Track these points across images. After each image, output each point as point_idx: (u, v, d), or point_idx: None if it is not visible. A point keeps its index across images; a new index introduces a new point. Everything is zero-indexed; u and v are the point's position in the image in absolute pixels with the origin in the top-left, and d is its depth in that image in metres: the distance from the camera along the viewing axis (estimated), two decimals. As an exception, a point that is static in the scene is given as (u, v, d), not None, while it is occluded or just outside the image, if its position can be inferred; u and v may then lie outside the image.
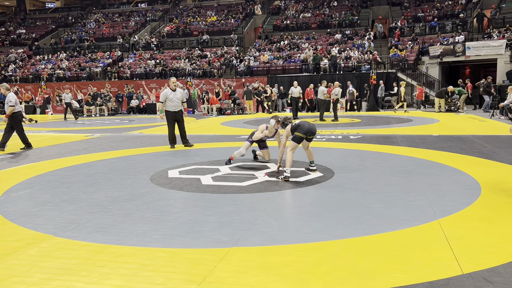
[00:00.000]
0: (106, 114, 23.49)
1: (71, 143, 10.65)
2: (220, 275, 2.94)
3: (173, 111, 9.34)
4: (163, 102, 9.32)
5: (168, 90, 9.36)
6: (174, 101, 9.29)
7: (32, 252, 3.46)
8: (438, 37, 24.78)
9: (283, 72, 24.67)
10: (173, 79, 9.46)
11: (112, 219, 4.28)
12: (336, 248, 3.39)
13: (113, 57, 30.92)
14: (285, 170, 5.82)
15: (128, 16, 38.53)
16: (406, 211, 4.28)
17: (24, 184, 6.03)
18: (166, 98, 9.26)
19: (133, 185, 5.76)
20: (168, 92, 9.31)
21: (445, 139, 9.74)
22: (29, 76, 29.71)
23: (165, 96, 9.28)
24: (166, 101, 9.29)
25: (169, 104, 9.30)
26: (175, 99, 9.29)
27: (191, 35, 32.33)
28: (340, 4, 32.97)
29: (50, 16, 41.42)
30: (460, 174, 5.94)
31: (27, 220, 4.30)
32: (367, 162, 7.05)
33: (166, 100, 9.29)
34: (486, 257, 3.11)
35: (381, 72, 22.80)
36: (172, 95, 9.26)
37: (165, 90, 9.49)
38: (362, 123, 14.59)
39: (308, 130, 6.01)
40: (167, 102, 9.30)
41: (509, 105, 14.68)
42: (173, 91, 9.32)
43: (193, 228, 3.94)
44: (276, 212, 4.38)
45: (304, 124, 6.09)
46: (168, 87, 9.51)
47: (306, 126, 6.04)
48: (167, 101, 9.29)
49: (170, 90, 9.34)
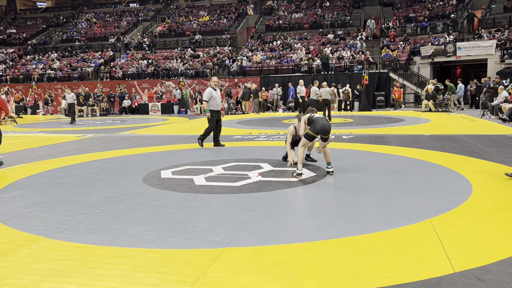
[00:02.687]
0: (98, 114, 23.35)
1: (63, 144, 10.58)
2: (214, 275, 2.94)
3: (216, 110, 9.33)
4: (208, 101, 9.22)
5: (212, 89, 9.29)
6: (217, 100, 9.28)
7: (23, 254, 3.43)
8: (429, 37, 24.96)
9: (276, 72, 24.70)
10: (215, 78, 9.49)
11: (105, 220, 4.26)
12: (329, 247, 3.40)
13: (105, 57, 30.75)
14: (297, 167, 5.89)
15: (120, 16, 38.34)
16: (398, 211, 4.30)
17: (15, 185, 5.97)
18: (211, 97, 9.21)
19: (126, 186, 5.73)
20: (212, 91, 9.24)
21: (436, 138, 9.81)
22: (19, 76, 29.44)
23: (209, 95, 9.20)
24: (210, 100, 9.22)
25: (212, 103, 9.25)
26: (218, 98, 9.31)
27: (184, 35, 32.25)
28: (332, 4, 33.09)
29: (41, 15, 41.10)
30: (452, 173, 5.98)
31: (18, 222, 4.26)
32: (359, 162, 7.08)
33: (210, 99, 9.23)
34: (477, 256, 3.14)
35: (373, 72, 22.92)
36: (216, 94, 9.27)
37: (208, 89, 9.32)
38: (355, 123, 14.65)
39: (320, 130, 5.84)
40: (211, 101, 9.23)
41: (500, 105, 14.82)
42: (214, 90, 9.31)
43: (186, 228, 3.93)
44: (269, 212, 4.38)
45: (318, 121, 5.89)
46: (210, 86, 9.41)
47: (319, 124, 5.84)
48: (211, 100, 9.23)
49: (213, 89, 9.29)
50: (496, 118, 14.60)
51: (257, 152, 8.43)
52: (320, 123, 5.89)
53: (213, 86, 9.33)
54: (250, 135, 11.46)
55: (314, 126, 5.87)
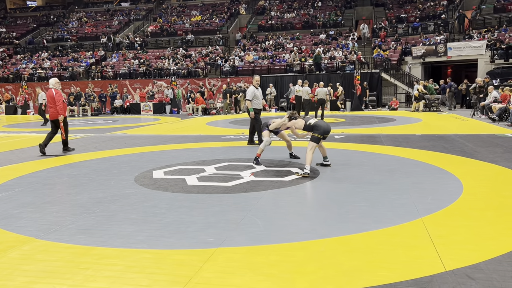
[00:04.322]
0: (89, 114, 23.19)
1: (53, 144, 10.48)
2: (206, 275, 2.93)
3: (259, 109, 9.37)
4: (251, 100, 9.25)
5: (255, 88, 9.32)
6: (259, 99, 9.34)
7: (13, 255, 3.39)
8: (420, 37, 25.14)
9: (268, 72, 24.71)
10: (257, 77, 9.50)
11: (96, 220, 4.23)
12: (322, 247, 3.40)
13: (96, 57, 30.54)
14: (305, 166, 6.07)
15: (112, 15, 38.11)
16: (390, 210, 4.32)
17: (5, 186, 5.91)
18: (254, 96, 9.25)
19: (117, 186, 5.70)
20: (255, 90, 9.29)
21: (428, 138, 9.88)
22: (9, 76, 29.14)
23: (253, 94, 9.24)
24: (253, 99, 9.27)
25: (255, 102, 9.30)
26: (260, 97, 9.36)
27: (176, 34, 32.15)
28: (324, 4, 33.19)
29: (31, 14, 40.72)
30: (443, 173, 6.03)
31: (8, 223, 4.21)
32: (351, 161, 7.11)
33: (253, 98, 9.26)
34: (468, 254, 3.17)
35: (365, 72, 23.03)
36: (258, 93, 9.32)
37: (252, 88, 9.34)
38: (347, 123, 14.71)
39: (325, 131, 6.27)
40: (253, 100, 9.28)
41: (490, 104, 14.96)
42: (257, 89, 9.35)
43: (179, 228, 3.92)
44: (261, 212, 4.38)
45: (319, 124, 6.34)
46: (252, 85, 9.44)
47: (323, 126, 6.29)
48: (254, 99, 9.27)
49: (256, 88, 9.32)
50: (486, 118, 14.74)
51: (249, 152, 8.42)
52: (322, 125, 6.33)
53: (255, 85, 9.37)
54: (242, 135, 11.45)
55: (318, 130, 6.28)
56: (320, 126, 6.29)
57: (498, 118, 13.57)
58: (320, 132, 6.24)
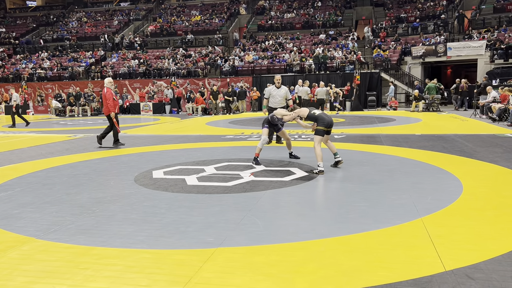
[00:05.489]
0: (89, 114, 23.18)
1: (53, 144, 10.49)
2: (206, 275, 2.93)
3: (274, 108, 9.44)
4: (268, 98, 9.54)
5: (273, 87, 9.58)
6: (276, 98, 9.49)
7: (13, 255, 3.39)
8: (420, 37, 25.14)
9: (268, 72, 24.71)
10: (278, 77, 9.69)
11: (96, 220, 4.23)
12: (321, 247, 3.40)
13: (96, 57, 30.53)
14: (318, 164, 6.10)
15: (111, 15, 38.09)
16: (389, 210, 4.32)
17: (5, 185, 5.91)
18: (270, 95, 9.50)
19: (117, 186, 5.70)
20: (272, 89, 9.55)
21: (427, 138, 9.88)
22: (9, 76, 29.12)
23: (268, 92, 9.56)
24: (270, 98, 9.51)
25: (271, 100, 9.52)
26: (277, 96, 9.49)
27: (175, 34, 32.13)
28: (324, 4, 33.18)
29: (31, 14, 40.70)
30: (442, 173, 6.03)
31: (8, 223, 4.21)
32: (351, 161, 7.11)
33: (270, 97, 9.52)
34: (468, 254, 3.17)
35: (365, 72, 23.04)
36: (275, 92, 9.48)
37: (269, 87, 9.73)
38: (346, 123, 14.71)
39: (328, 124, 6.31)
40: (270, 99, 9.52)
41: (489, 104, 14.97)
42: (277, 88, 9.51)
43: (178, 229, 3.92)
44: (261, 212, 4.38)
45: (324, 116, 6.35)
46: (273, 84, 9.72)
47: (326, 119, 6.31)
48: (270, 98, 9.51)
49: (274, 87, 9.54)
50: (486, 118, 14.75)
51: (249, 152, 8.42)
52: (326, 117, 6.34)
53: (277, 85, 9.54)
54: (242, 135, 11.45)
55: (322, 122, 6.29)
56: (324, 118, 6.32)
57: (498, 118, 13.57)
58: (324, 124, 6.26)
